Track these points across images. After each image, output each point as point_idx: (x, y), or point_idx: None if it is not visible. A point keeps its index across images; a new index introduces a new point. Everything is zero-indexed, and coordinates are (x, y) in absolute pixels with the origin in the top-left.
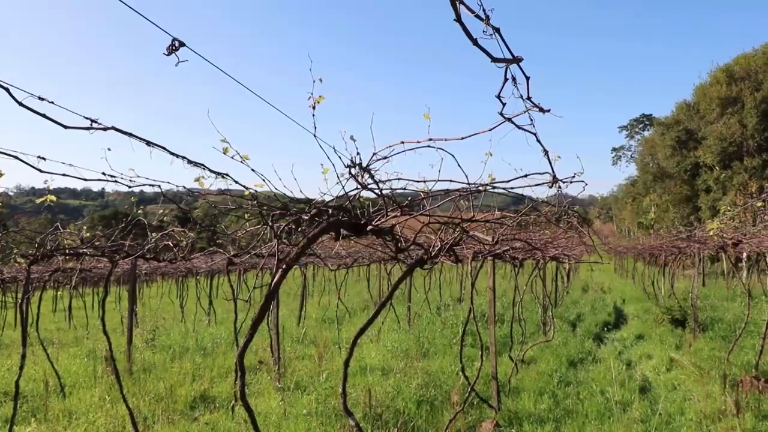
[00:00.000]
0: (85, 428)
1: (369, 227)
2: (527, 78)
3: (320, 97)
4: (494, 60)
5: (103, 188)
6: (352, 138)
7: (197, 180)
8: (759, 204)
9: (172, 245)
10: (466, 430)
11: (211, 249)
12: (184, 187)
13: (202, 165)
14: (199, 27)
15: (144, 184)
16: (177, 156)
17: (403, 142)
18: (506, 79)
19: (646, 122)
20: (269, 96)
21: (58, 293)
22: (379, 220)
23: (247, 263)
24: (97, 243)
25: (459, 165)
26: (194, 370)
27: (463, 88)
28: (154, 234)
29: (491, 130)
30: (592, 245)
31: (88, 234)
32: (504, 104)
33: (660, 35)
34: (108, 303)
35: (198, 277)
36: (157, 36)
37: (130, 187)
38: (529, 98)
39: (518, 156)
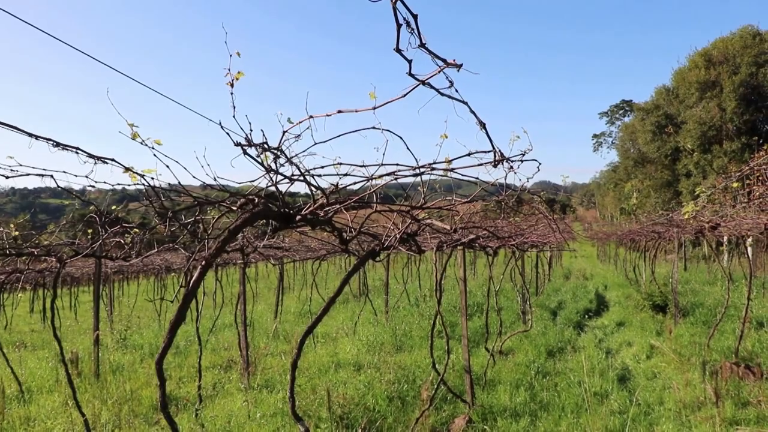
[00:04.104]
0: None
1: (298, 217)
2: (414, 16)
3: (239, 73)
4: None
5: (84, 187)
6: (289, 120)
7: (127, 171)
8: (735, 184)
9: (123, 243)
10: (439, 427)
11: (167, 246)
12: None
13: (76, 148)
14: None
15: (29, 174)
16: (37, 137)
17: (312, 117)
18: (399, 25)
19: (627, 108)
20: (192, 70)
21: (36, 294)
22: (308, 208)
23: (219, 259)
24: (46, 242)
25: (408, 147)
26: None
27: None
28: (87, 230)
29: (404, 96)
30: (558, 231)
31: (17, 233)
32: (409, 61)
33: (639, 21)
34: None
35: (173, 274)
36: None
37: (7, 177)
38: (423, 45)
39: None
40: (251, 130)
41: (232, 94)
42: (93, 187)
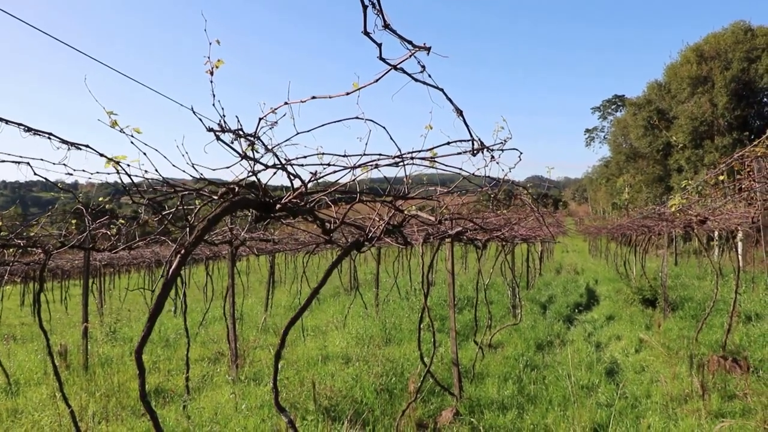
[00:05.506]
0: (27, 428)
1: (278, 206)
2: None
3: (219, 61)
4: None
5: (76, 180)
6: (273, 110)
7: (109, 162)
8: (721, 177)
9: (109, 234)
10: (426, 419)
11: (155, 237)
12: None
13: (48, 134)
14: None
15: (4, 161)
16: (8, 122)
17: (287, 103)
18: (365, 6)
19: (619, 103)
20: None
21: (26, 287)
22: (288, 197)
23: (209, 252)
24: (33, 234)
25: (390, 136)
26: (152, 363)
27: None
28: (72, 220)
29: (377, 81)
30: (544, 224)
31: (0, 223)
32: (379, 45)
33: (631, 16)
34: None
35: (163, 268)
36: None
37: None
38: (387, 26)
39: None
40: (224, 115)
41: (211, 82)
42: (71, 174)
